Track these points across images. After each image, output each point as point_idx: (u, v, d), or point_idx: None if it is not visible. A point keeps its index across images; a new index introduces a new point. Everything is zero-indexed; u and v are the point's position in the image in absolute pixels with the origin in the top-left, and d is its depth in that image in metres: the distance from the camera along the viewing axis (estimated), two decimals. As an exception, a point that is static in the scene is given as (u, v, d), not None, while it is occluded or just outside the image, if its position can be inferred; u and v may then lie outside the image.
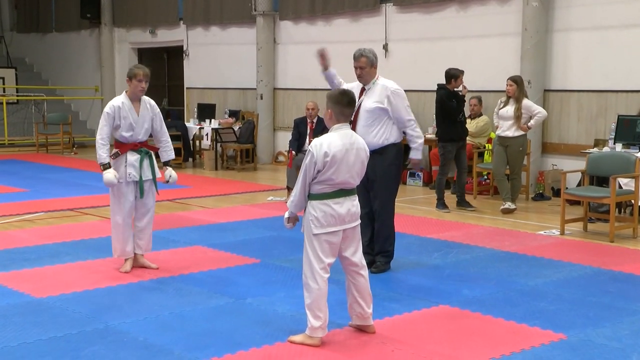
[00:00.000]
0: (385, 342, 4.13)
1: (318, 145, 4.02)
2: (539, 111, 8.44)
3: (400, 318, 4.58)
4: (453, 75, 8.53)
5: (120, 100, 5.47)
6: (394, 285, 5.35)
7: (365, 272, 4.20)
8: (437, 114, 8.64)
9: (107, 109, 5.45)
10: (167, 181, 5.68)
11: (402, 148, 5.79)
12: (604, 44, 9.27)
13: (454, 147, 8.50)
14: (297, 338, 4.09)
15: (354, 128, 5.58)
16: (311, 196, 4.03)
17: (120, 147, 5.53)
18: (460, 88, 8.61)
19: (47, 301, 4.86)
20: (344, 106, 4.10)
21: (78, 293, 5.06)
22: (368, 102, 5.57)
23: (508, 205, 8.40)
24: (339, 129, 4.10)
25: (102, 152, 5.40)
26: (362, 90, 5.66)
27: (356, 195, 4.15)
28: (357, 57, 5.64)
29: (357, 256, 4.17)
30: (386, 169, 5.55)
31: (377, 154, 5.38)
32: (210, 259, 6.03)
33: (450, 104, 8.47)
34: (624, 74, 9.08)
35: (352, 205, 4.10)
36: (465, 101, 8.80)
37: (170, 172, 5.68)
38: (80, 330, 4.28)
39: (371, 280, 5.34)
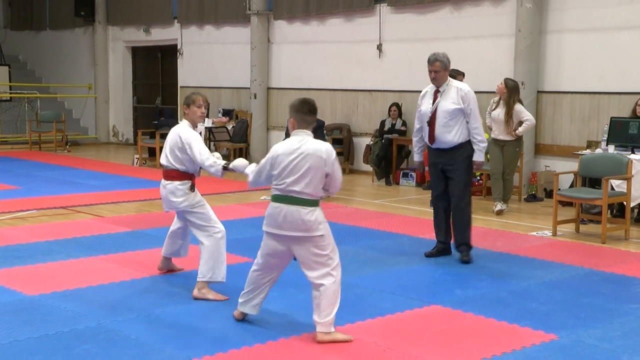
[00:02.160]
0: (377, 342, 4.13)
1: (275, 147, 4.19)
2: (528, 118, 8.42)
3: (393, 318, 4.58)
4: (450, 76, 8.53)
5: (192, 129, 5.04)
6: (386, 285, 5.35)
7: (320, 280, 4.08)
8: None
9: (195, 136, 4.97)
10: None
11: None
12: (597, 45, 9.30)
13: None
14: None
15: (432, 129, 5.97)
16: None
17: (191, 178, 5.10)
18: None
19: (39, 299, 4.84)
20: (305, 114, 4.15)
21: (70, 291, 5.04)
22: (446, 104, 5.96)
23: (500, 206, 8.42)
24: (296, 134, 4.16)
25: (216, 160, 4.90)
26: (436, 93, 6.03)
27: (304, 207, 4.03)
28: (432, 61, 6.00)
29: (308, 268, 4.10)
30: (462, 162, 5.98)
31: (454, 150, 5.96)
32: (203, 257, 6.01)
33: None
34: (617, 76, 9.11)
35: (292, 214, 4.02)
36: None
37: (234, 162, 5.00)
38: (72, 329, 4.26)
39: (364, 280, 5.37)
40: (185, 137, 4.97)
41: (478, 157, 6.02)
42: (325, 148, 4.10)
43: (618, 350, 4.05)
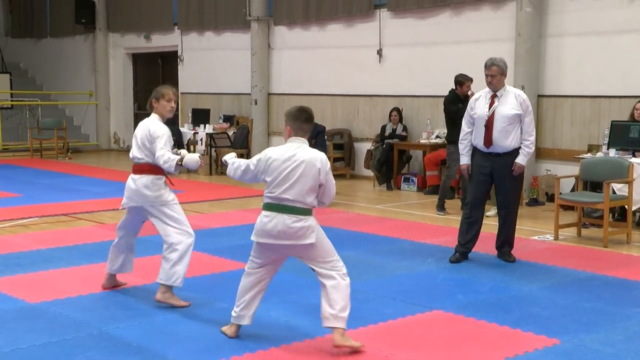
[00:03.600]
0: (380, 347, 4.13)
1: (266, 151, 4.13)
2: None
3: (395, 323, 4.58)
4: (457, 81, 8.61)
5: (162, 124, 4.93)
6: (388, 290, 5.35)
7: (329, 282, 4.05)
8: (445, 116, 8.76)
9: (165, 132, 4.84)
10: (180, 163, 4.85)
11: None
12: (597, 49, 9.31)
13: (457, 149, 8.48)
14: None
15: (489, 132, 5.98)
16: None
17: (164, 174, 4.93)
18: (470, 94, 8.61)
19: (41, 306, 4.85)
20: (302, 122, 4.10)
21: (72, 298, 5.04)
22: (505, 108, 6.01)
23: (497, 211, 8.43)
24: (291, 141, 4.10)
25: (169, 155, 4.75)
26: (493, 97, 6.08)
27: (295, 215, 3.97)
28: (488, 66, 6.08)
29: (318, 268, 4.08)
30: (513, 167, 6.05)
31: (508, 154, 6.04)
32: (204, 264, 6.02)
33: (450, 107, 8.53)
34: (617, 79, 9.12)
35: (284, 222, 3.96)
36: None
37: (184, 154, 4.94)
38: (74, 336, 4.27)
39: (365, 285, 5.37)
40: (153, 131, 4.81)
41: (521, 160, 6.06)
42: (320, 157, 4.04)
43: (621, 355, 4.04)
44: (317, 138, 9.48)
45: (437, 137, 10.73)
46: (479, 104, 6.15)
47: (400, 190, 10.73)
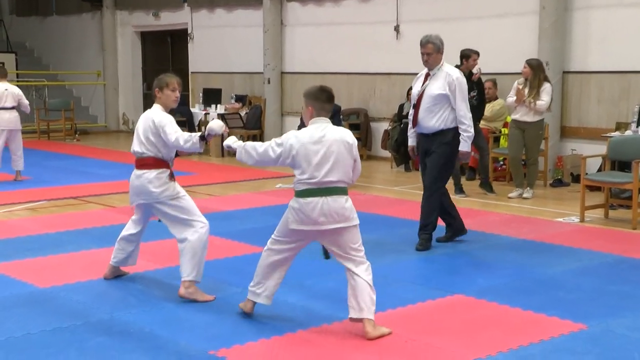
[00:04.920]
0: (399, 333, 4.13)
1: (289, 136, 4.09)
2: (544, 100, 8.26)
3: (414, 308, 4.59)
4: (463, 55, 8.50)
5: (165, 113, 4.83)
6: (407, 274, 5.35)
7: (358, 269, 4.10)
8: None
9: (169, 118, 4.75)
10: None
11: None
12: (626, 22, 9.18)
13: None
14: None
15: (416, 112, 5.95)
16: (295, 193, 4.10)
17: (168, 167, 4.83)
18: (475, 70, 8.55)
19: (51, 291, 4.90)
20: (324, 102, 4.12)
21: (82, 283, 5.09)
22: (432, 88, 5.93)
23: (519, 193, 8.40)
24: (315, 122, 4.11)
25: (186, 135, 4.65)
26: (427, 76, 6.00)
27: (341, 196, 4.04)
28: (424, 44, 5.97)
29: (344, 259, 4.12)
30: (439, 147, 5.94)
31: (435, 134, 5.94)
32: (217, 248, 6.05)
33: None
34: (646, 54, 9.01)
35: (330, 205, 3.99)
36: (481, 84, 8.71)
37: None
38: (85, 321, 4.31)
39: (384, 269, 5.38)
40: (158, 121, 4.69)
41: (463, 146, 5.92)
42: (349, 134, 4.14)
43: (650, 340, 4.03)
44: (333, 118, 9.28)
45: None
46: (417, 83, 6.13)
47: (418, 171, 10.68)
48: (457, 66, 8.53)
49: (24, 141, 10.33)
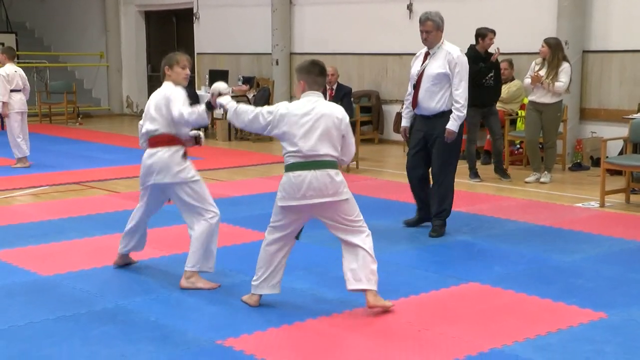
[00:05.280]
0: (412, 322, 4.13)
1: (280, 106, 4.19)
2: (562, 82, 8.18)
3: (427, 296, 4.58)
4: (479, 34, 8.44)
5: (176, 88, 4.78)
6: (420, 262, 5.34)
7: (356, 240, 4.19)
8: None
9: (179, 93, 4.70)
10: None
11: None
12: (648, -1, 9.09)
13: (476, 112, 8.37)
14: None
15: (416, 92, 5.93)
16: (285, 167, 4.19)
17: (183, 145, 4.80)
18: (493, 50, 8.48)
19: (54, 279, 4.92)
20: (317, 75, 4.20)
21: (86, 271, 5.11)
22: (432, 67, 5.89)
23: (536, 177, 8.35)
24: (306, 95, 4.19)
25: (192, 108, 4.60)
26: (427, 55, 5.97)
27: (330, 169, 4.10)
28: (422, 21, 5.94)
29: (340, 230, 4.21)
30: (443, 132, 5.88)
31: (437, 117, 5.90)
32: (225, 234, 6.04)
33: (472, 66, 8.35)
34: (670, 33, 8.91)
35: (319, 178, 4.05)
36: (497, 65, 8.64)
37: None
38: (89, 310, 4.33)
39: (396, 256, 5.37)
40: (169, 94, 4.67)
41: (451, 125, 5.85)
42: (339, 109, 4.20)
43: (673, 330, 4.01)
44: (343, 100, 9.41)
45: (473, 97, 10.61)
46: (416, 62, 6.07)
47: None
48: (472, 46, 8.50)
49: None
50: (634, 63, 9.30)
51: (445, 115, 5.89)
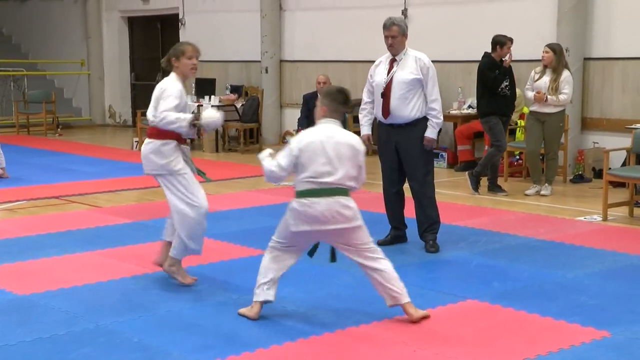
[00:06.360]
0: (407, 341, 4.14)
1: (299, 137, 4.37)
2: (567, 93, 8.25)
3: (424, 315, 4.58)
4: (497, 41, 8.47)
5: (179, 83, 5.04)
6: (415, 278, 5.35)
7: (379, 264, 4.37)
8: (477, 85, 8.61)
9: (173, 91, 4.92)
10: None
11: None
12: (651, 5, 9.17)
13: (497, 119, 8.43)
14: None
15: (387, 101, 5.96)
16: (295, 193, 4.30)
17: (174, 137, 4.99)
18: (506, 57, 8.51)
19: (31, 299, 4.90)
20: (339, 103, 4.36)
21: (65, 289, 5.09)
22: (403, 73, 5.91)
23: (537, 189, 8.39)
24: (325, 122, 4.34)
25: (177, 115, 4.85)
26: (392, 62, 5.99)
27: (344, 197, 4.26)
28: (388, 26, 5.96)
29: (359, 255, 4.38)
30: (420, 140, 5.96)
31: (410, 126, 5.94)
32: (212, 250, 6.04)
33: (488, 74, 8.41)
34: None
35: (333, 206, 4.20)
36: (512, 72, 8.66)
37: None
38: (68, 331, 4.31)
39: (396, 272, 5.37)
40: (165, 89, 4.94)
41: (430, 133, 5.93)
42: (357, 139, 4.38)
43: (679, 349, 4.02)
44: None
45: (470, 107, 10.67)
46: (378, 70, 6.07)
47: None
48: (487, 53, 8.55)
49: (2, 136, 10.34)
50: (637, 70, 9.37)
51: (419, 123, 5.93)
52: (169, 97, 4.91)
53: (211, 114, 4.96)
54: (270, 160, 4.34)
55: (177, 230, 5.01)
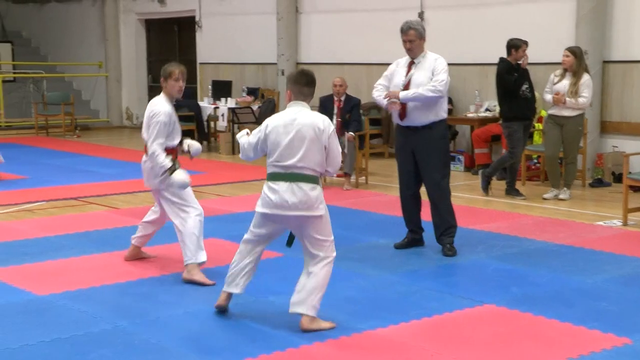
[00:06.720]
0: (425, 346, 4.12)
1: (265, 122, 4.41)
2: (586, 97, 8.21)
3: (441, 319, 4.56)
4: (512, 45, 8.42)
5: (167, 104, 5.28)
6: (433, 282, 5.32)
7: (316, 268, 4.34)
8: (497, 89, 8.59)
9: (162, 117, 5.18)
10: (189, 151, 5.48)
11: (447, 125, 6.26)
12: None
13: (519, 126, 8.40)
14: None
15: (405, 105, 5.93)
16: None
17: (172, 153, 5.31)
18: (522, 60, 8.47)
19: (50, 299, 4.92)
20: (303, 85, 4.37)
21: (83, 290, 5.11)
22: (421, 76, 5.92)
23: (555, 194, 8.34)
24: (291, 105, 4.37)
25: (163, 158, 5.19)
26: (411, 64, 6.00)
27: (307, 183, 4.25)
28: (405, 30, 5.97)
29: (307, 252, 4.38)
30: (438, 143, 6.00)
31: (426, 129, 5.95)
32: (228, 252, 6.02)
33: (507, 77, 8.37)
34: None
35: (295, 191, 4.22)
36: (528, 73, 8.61)
37: (188, 141, 5.53)
38: (86, 332, 4.33)
39: (407, 276, 5.36)
40: (153, 113, 5.19)
41: (403, 93, 5.83)
42: (322, 119, 4.31)
43: (700, 355, 3.98)
44: (352, 112, 9.44)
45: (487, 110, 10.62)
46: (397, 72, 6.06)
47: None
48: (503, 58, 8.51)
49: (21, 137, 10.38)
50: (657, 74, 9.30)
51: (436, 126, 5.95)
52: (157, 124, 5.15)
53: (181, 177, 5.20)
54: (245, 137, 4.48)
55: (182, 241, 5.27)
